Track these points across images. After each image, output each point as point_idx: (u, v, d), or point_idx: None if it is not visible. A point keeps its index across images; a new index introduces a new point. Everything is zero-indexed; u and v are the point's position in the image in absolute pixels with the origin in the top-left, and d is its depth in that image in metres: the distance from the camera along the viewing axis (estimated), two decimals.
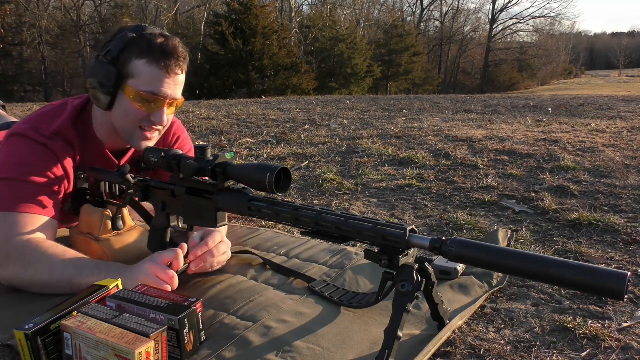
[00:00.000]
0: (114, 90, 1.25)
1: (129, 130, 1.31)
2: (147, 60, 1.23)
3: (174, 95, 1.28)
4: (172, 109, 1.33)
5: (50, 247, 1.19)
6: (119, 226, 1.39)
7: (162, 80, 1.24)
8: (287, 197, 2.15)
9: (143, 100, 1.25)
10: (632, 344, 1.06)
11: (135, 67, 1.23)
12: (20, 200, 1.22)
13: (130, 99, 1.25)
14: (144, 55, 1.23)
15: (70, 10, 23.36)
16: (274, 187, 0.99)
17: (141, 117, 1.28)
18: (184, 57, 1.27)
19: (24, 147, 1.26)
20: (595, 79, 42.19)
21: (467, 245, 0.86)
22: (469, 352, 1.03)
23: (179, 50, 1.26)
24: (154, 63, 1.23)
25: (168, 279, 1.12)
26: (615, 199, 2.06)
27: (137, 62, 1.23)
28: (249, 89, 18.49)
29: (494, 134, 3.54)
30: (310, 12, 28.78)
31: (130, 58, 1.23)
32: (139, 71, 1.23)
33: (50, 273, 1.17)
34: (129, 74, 1.24)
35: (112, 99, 1.26)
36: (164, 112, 1.29)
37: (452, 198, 2.15)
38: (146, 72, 1.23)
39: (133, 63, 1.23)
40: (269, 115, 5.19)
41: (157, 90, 1.25)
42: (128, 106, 1.26)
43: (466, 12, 38.83)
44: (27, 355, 0.90)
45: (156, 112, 1.28)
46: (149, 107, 1.26)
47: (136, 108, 1.26)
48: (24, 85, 20.62)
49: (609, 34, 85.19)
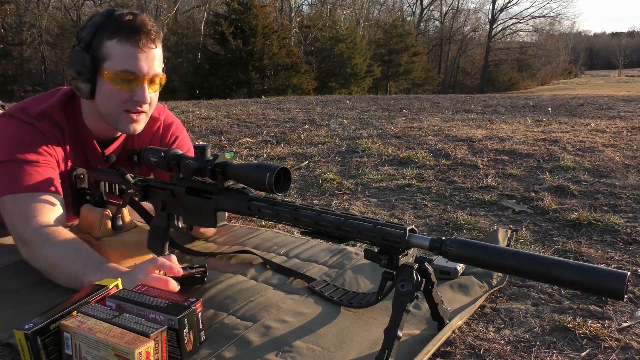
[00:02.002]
0: (92, 77, 1.25)
1: (115, 115, 1.30)
2: (118, 40, 1.23)
3: (152, 70, 1.27)
4: (155, 86, 1.31)
5: (68, 234, 1.22)
6: (119, 226, 1.39)
7: (136, 57, 1.24)
8: (287, 197, 2.15)
9: (122, 80, 1.24)
10: (632, 344, 1.06)
11: (107, 49, 1.23)
12: (26, 180, 1.25)
13: (109, 82, 1.25)
14: (114, 35, 1.23)
15: (70, 10, 23.37)
16: (274, 187, 0.99)
17: (124, 98, 1.27)
18: (155, 31, 1.26)
19: (12, 128, 1.29)
20: (595, 79, 42.17)
21: (467, 245, 0.86)
22: (469, 352, 1.03)
23: (148, 24, 1.25)
24: (125, 41, 1.23)
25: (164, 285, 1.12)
26: (615, 199, 2.06)
27: (109, 43, 1.23)
28: (249, 89, 18.49)
29: (494, 134, 3.54)
30: (310, 12, 28.79)
31: (102, 41, 1.23)
32: (112, 52, 1.23)
33: (61, 258, 1.18)
34: (104, 57, 1.24)
35: (92, 86, 1.26)
36: (145, 89, 1.27)
37: (452, 198, 2.15)
38: (119, 52, 1.23)
39: (105, 45, 1.23)
40: (269, 115, 5.19)
41: (133, 68, 1.24)
42: (108, 89, 1.26)
43: (466, 12, 38.86)
44: (27, 355, 0.90)
45: (137, 91, 1.27)
46: (129, 87, 1.26)
47: (117, 90, 1.25)
48: (24, 85, 20.61)
49: (608, 34, 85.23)
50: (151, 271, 1.10)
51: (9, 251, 1.47)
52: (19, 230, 1.23)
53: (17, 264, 1.38)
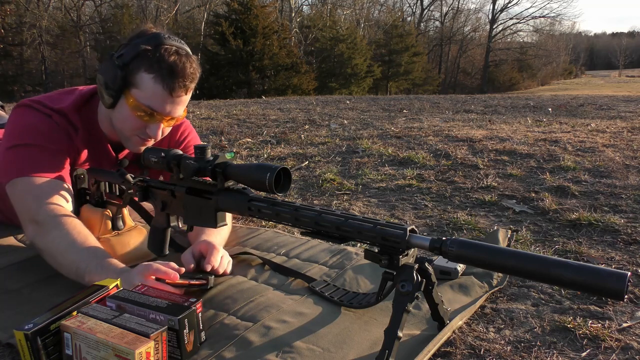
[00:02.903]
0: (117, 94, 1.26)
1: (125, 134, 1.34)
2: (154, 77, 1.23)
3: (173, 113, 1.30)
4: (172, 122, 1.34)
5: (78, 225, 1.23)
6: (119, 226, 1.39)
7: (164, 100, 1.26)
8: (287, 197, 2.15)
9: (141, 111, 1.26)
10: (632, 344, 1.06)
11: (141, 79, 1.24)
12: (40, 165, 1.27)
13: (130, 106, 1.26)
14: (151, 70, 1.23)
15: (70, 10, 23.37)
16: (274, 187, 0.99)
17: (138, 126, 1.30)
18: (191, 79, 1.27)
19: (32, 117, 1.31)
20: (595, 79, 42.17)
21: (467, 245, 0.86)
22: (469, 352, 1.03)
23: (188, 72, 1.25)
24: (160, 81, 1.23)
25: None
26: (615, 199, 2.06)
27: (144, 75, 1.23)
28: (249, 89, 18.50)
29: (494, 134, 3.54)
30: (310, 12, 28.79)
31: (139, 68, 1.24)
32: (144, 84, 1.24)
33: (68, 244, 1.18)
34: (134, 83, 1.25)
35: (115, 101, 1.28)
36: (160, 127, 1.31)
37: (452, 198, 2.15)
38: (150, 87, 1.24)
39: (140, 75, 1.24)
40: (269, 115, 5.19)
41: (157, 108, 1.26)
42: (127, 113, 1.28)
43: (466, 12, 38.86)
44: (27, 356, 0.90)
45: (152, 126, 1.30)
46: (145, 120, 1.28)
47: (134, 117, 1.28)
48: (24, 85, 20.63)
49: (609, 34, 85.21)
50: (147, 276, 1.10)
51: (9, 251, 1.48)
52: (30, 210, 1.24)
53: (17, 264, 1.39)
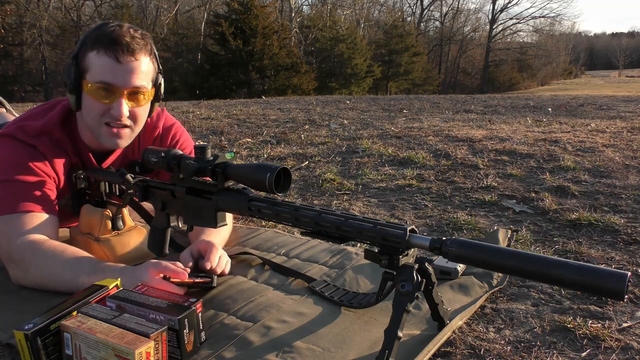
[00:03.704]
0: (76, 88, 1.24)
1: (96, 128, 1.28)
2: (97, 51, 1.21)
3: (130, 83, 1.23)
4: (138, 100, 1.27)
5: (49, 249, 1.19)
6: (119, 226, 1.39)
7: (113, 69, 1.21)
8: (287, 197, 2.15)
9: (98, 92, 1.22)
10: (632, 344, 1.06)
11: (88, 60, 1.22)
12: (18, 201, 1.23)
13: (88, 94, 1.23)
14: (94, 46, 1.21)
15: (70, 10, 23.35)
16: (274, 187, 0.99)
17: (100, 110, 1.25)
18: (136, 43, 1.22)
19: (13, 149, 1.27)
20: (595, 79, 42.16)
21: (467, 245, 0.86)
22: (469, 352, 1.03)
23: (126, 36, 1.21)
24: (102, 52, 1.20)
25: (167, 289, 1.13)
26: (615, 199, 2.06)
27: (90, 54, 1.22)
28: (249, 89, 18.49)
29: (494, 134, 3.54)
30: (310, 12, 28.79)
31: (85, 52, 1.23)
32: (91, 63, 1.22)
33: (50, 274, 1.18)
34: (85, 68, 1.23)
35: (77, 97, 1.25)
36: (122, 103, 1.23)
37: (452, 198, 2.15)
38: (97, 63, 1.21)
39: (87, 56, 1.22)
40: (269, 115, 5.19)
41: (109, 79, 1.21)
42: (88, 102, 1.25)
43: (466, 12, 38.85)
44: (27, 356, 0.90)
45: (114, 104, 1.23)
46: (105, 99, 1.23)
47: (94, 102, 1.23)
48: (24, 85, 20.63)
49: (608, 34, 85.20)
50: (154, 273, 1.10)
51: None
52: (7, 250, 1.21)
53: None
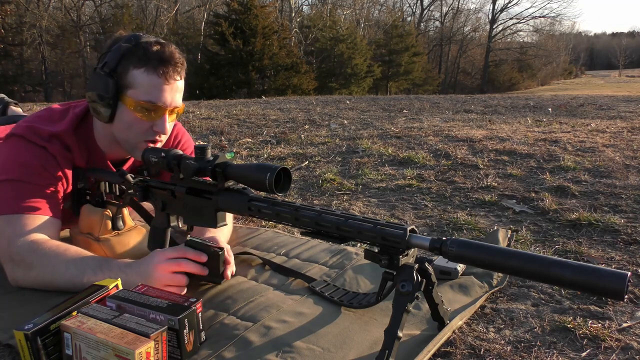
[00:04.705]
0: (114, 102, 1.24)
1: (133, 143, 1.30)
2: (145, 69, 1.22)
3: (174, 102, 1.28)
4: (174, 116, 1.32)
5: (51, 248, 1.19)
6: (119, 226, 1.39)
7: (161, 88, 1.24)
8: (287, 197, 2.15)
9: (144, 109, 1.24)
10: (632, 344, 1.06)
11: (133, 77, 1.23)
12: (23, 201, 1.22)
13: (130, 109, 1.24)
14: (141, 64, 1.22)
15: (70, 10, 23.36)
16: (274, 187, 0.99)
17: (144, 128, 1.27)
18: (181, 63, 1.26)
19: (23, 149, 1.26)
20: (595, 79, 42.16)
21: (467, 245, 0.86)
22: (469, 352, 1.03)
23: (176, 56, 1.25)
24: (152, 71, 1.22)
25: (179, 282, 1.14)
26: (615, 199, 2.06)
27: (135, 71, 1.22)
28: (249, 89, 18.49)
29: (494, 134, 3.54)
30: (310, 12, 28.79)
31: (128, 68, 1.22)
32: (138, 81, 1.23)
33: (52, 274, 1.17)
34: (128, 85, 1.23)
35: (113, 111, 1.26)
36: (166, 120, 1.28)
37: (452, 198, 2.15)
38: (145, 81, 1.23)
39: (131, 73, 1.23)
40: (269, 115, 5.19)
41: (157, 99, 1.24)
42: (129, 117, 1.26)
43: (466, 12, 38.87)
44: (27, 356, 0.90)
45: (158, 121, 1.27)
46: (150, 117, 1.26)
47: (138, 118, 1.25)
48: (24, 85, 20.63)
49: (608, 34, 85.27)
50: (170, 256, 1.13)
51: None
52: (7, 250, 1.21)
53: None
